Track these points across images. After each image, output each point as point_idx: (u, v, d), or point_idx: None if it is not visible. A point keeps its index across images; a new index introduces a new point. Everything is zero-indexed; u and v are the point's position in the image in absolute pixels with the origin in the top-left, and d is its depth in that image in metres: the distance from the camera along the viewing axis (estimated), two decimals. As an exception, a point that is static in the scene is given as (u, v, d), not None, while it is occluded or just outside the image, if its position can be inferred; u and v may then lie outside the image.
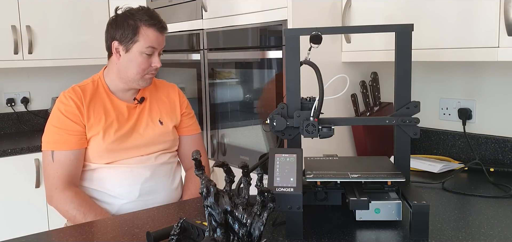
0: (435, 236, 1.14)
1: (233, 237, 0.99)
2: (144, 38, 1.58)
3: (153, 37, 1.59)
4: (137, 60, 1.59)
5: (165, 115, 1.73)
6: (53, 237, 1.24)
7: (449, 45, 1.60)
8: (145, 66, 1.60)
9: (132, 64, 1.60)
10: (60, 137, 1.56)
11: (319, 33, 1.28)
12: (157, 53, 1.63)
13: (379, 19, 1.81)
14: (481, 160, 1.81)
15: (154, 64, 1.62)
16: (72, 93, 1.60)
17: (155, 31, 1.59)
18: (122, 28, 1.59)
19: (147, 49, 1.58)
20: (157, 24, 1.60)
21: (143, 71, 1.61)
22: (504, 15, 1.42)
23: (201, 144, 1.86)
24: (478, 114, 1.88)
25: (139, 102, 1.69)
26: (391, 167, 1.32)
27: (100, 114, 1.60)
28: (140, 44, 1.58)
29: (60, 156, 1.55)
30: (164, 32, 1.64)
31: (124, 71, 1.62)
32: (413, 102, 1.29)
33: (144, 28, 1.58)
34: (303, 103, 1.30)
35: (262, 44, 2.01)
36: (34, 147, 2.60)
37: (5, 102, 3.05)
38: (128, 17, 1.59)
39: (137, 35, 1.58)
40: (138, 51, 1.59)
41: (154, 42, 1.59)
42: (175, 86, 1.83)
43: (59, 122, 1.57)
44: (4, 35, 2.71)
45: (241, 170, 1.02)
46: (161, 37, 1.62)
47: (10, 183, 2.56)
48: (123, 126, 1.63)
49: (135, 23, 1.58)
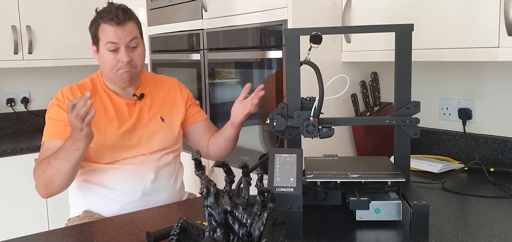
0: (435, 236, 1.14)
1: (233, 237, 0.99)
2: (103, 34, 1.56)
3: (110, 32, 1.55)
4: (105, 57, 1.58)
5: (167, 112, 1.72)
6: (53, 237, 1.24)
7: (449, 45, 1.60)
8: (113, 63, 1.57)
9: (103, 63, 1.60)
10: (55, 128, 1.55)
11: (319, 33, 1.28)
12: (123, 47, 1.56)
13: (379, 19, 1.81)
14: (481, 160, 1.80)
15: (122, 60, 1.57)
16: (69, 92, 1.60)
17: (111, 26, 1.55)
18: (91, 28, 1.61)
19: (107, 45, 1.56)
20: (113, 18, 1.54)
21: (113, 68, 1.58)
22: (504, 15, 1.42)
23: (213, 126, 1.84)
24: (478, 114, 1.88)
25: (139, 98, 1.67)
26: (391, 167, 1.32)
27: (99, 113, 1.59)
28: (102, 42, 1.57)
29: (50, 144, 1.52)
30: (123, 25, 1.56)
31: (103, 71, 1.63)
32: (413, 102, 1.29)
33: (102, 25, 1.56)
34: (303, 103, 1.30)
35: (262, 44, 2.01)
36: (34, 147, 2.60)
37: (5, 102, 3.05)
38: (94, 17, 1.60)
39: (98, 33, 1.57)
40: (103, 49, 1.58)
41: (112, 37, 1.55)
42: (175, 80, 1.82)
43: (54, 114, 1.57)
44: (4, 35, 2.71)
45: (241, 170, 1.02)
46: (119, 31, 1.55)
47: (10, 183, 2.56)
48: (124, 123, 1.62)
49: (96, 21, 1.58)
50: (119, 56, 1.57)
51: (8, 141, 2.76)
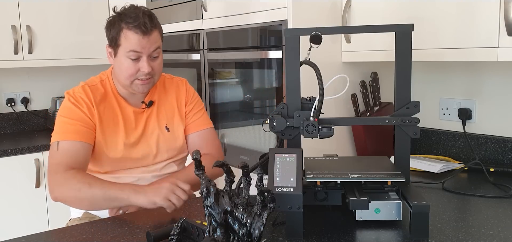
0: (435, 236, 1.14)
1: (233, 237, 0.99)
2: (125, 41, 1.47)
3: (135, 41, 1.46)
4: (123, 64, 1.49)
5: (172, 121, 1.64)
6: (53, 237, 1.24)
7: (449, 45, 1.60)
8: (132, 71, 1.49)
9: (120, 70, 1.51)
10: (69, 127, 1.47)
11: (319, 33, 1.28)
12: (145, 57, 1.48)
13: (379, 19, 1.81)
14: (481, 160, 1.80)
15: (142, 70, 1.49)
16: (82, 92, 1.52)
17: (137, 34, 1.45)
18: (109, 30, 1.51)
19: (129, 53, 1.47)
20: (138, 27, 1.45)
21: (131, 76, 1.50)
22: (504, 15, 1.42)
23: (210, 139, 1.68)
24: (478, 114, 1.88)
25: (147, 106, 1.60)
26: (391, 167, 1.32)
27: (109, 120, 1.53)
28: (123, 48, 1.48)
29: (67, 145, 1.45)
30: (148, 34, 1.47)
31: (117, 76, 1.54)
32: (413, 102, 1.29)
33: (125, 31, 1.46)
34: (303, 103, 1.30)
35: (262, 44, 2.01)
36: (34, 147, 2.60)
37: (5, 102, 3.05)
38: (115, 19, 1.50)
39: (120, 38, 1.47)
40: (122, 55, 1.48)
41: (136, 46, 1.46)
42: (183, 82, 1.71)
43: (70, 112, 1.49)
44: (4, 35, 2.71)
45: (241, 170, 1.02)
46: (145, 41, 1.46)
47: (10, 183, 2.56)
48: (130, 135, 1.56)
49: (119, 25, 1.47)
50: (140, 65, 1.49)
51: (8, 141, 2.76)
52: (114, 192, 1.38)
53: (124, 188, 1.39)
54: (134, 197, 1.36)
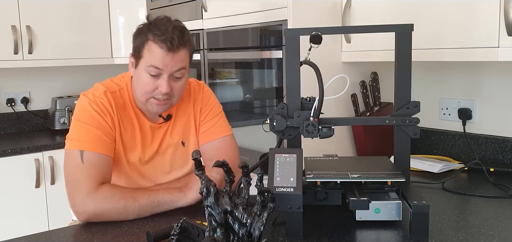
0: (435, 236, 1.14)
1: (233, 237, 0.99)
2: (148, 54, 1.33)
3: (158, 56, 1.32)
4: (142, 79, 1.36)
5: (189, 134, 1.52)
6: (53, 237, 1.24)
7: (449, 45, 1.60)
8: (148, 88, 1.36)
9: (138, 83, 1.39)
10: (94, 137, 1.34)
11: (319, 33, 1.28)
12: (166, 76, 1.34)
13: (379, 19, 1.81)
14: (481, 160, 1.80)
15: (160, 89, 1.35)
16: (104, 99, 1.39)
17: (161, 49, 1.31)
18: (135, 39, 1.38)
19: (149, 68, 1.33)
20: (165, 41, 1.31)
21: (147, 93, 1.37)
22: (504, 15, 1.42)
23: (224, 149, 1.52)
24: (478, 114, 1.88)
25: (165, 120, 1.48)
26: (391, 167, 1.32)
27: (127, 134, 1.42)
28: (144, 61, 1.35)
29: (92, 157, 1.32)
30: (174, 52, 1.32)
31: (135, 88, 1.42)
32: (413, 102, 1.29)
33: (150, 43, 1.33)
34: (303, 103, 1.30)
35: (262, 44, 2.01)
36: (34, 147, 2.60)
37: (5, 102, 3.05)
38: (144, 28, 1.36)
39: (143, 50, 1.34)
40: (142, 68, 1.35)
41: (157, 61, 1.32)
42: (200, 86, 1.55)
43: (93, 120, 1.35)
44: (4, 35, 2.71)
45: (241, 170, 1.02)
46: (168, 58, 1.32)
47: (10, 183, 2.56)
48: (146, 152, 1.45)
49: (145, 36, 1.34)
50: (159, 83, 1.35)
51: (8, 141, 2.76)
52: (162, 197, 1.34)
53: (171, 190, 1.36)
54: (183, 198, 1.35)
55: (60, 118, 2.93)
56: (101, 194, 1.29)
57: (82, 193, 1.29)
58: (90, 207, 1.28)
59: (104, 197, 1.29)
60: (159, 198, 1.34)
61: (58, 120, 2.93)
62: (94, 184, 1.30)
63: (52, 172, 2.64)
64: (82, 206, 1.29)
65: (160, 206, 1.34)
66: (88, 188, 1.29)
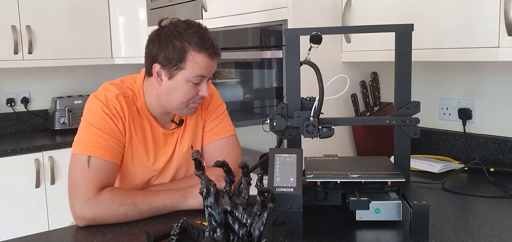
0: (435, 236, 1.14)
1: (233, 237, 0.99)
2: (192, 65, 1.31)
3: (204, 65, 1.32)
4: (183, 89, 1.34)
5: (197, 137, 1.51)
6: (53, 237, 1.24)
7: (449, 45, 1.60)
8: (191, 95, 1.36)
9: (175, 93, 1.35)
10: (103, 142, 1.32)
11: (319, 33, 1.28)
12: (206, 80, 1.37)
13: (379, 19, 1.81)
14: (481, 160, 1.80)
15: (201, 93, 1.37)
16: (116, 103, 1.35)
17: (206, 57, 1.32)
18: (166, 49, 1.31)
19: (195, 78, 1.33)
20: (210, 49, 1.32)
21: (188, 101, 1.37)
22: (504, 15, 1.42)
23: (226, 150, 1.52)
24: (478, 114, 1.88)
25: (177, 125, 1.47)
26: (391, 167, 1.32)
27: (138, 139, 1.40)
28: (187, 72, 1.32)
29: (99, 163, 1.30)
30: (217, 58, 1.37)
31: (166, 98, 1.37)
32: (413, 102, 1.29)
33: (192, 54, 1.31)
34: (303, 103, 1.30)
35: (262, 44, 2.01)
36: (34, 147, 2.60)
37: (5, 102, 3.04)
38: (174, 37, 1.31)
39: (184, 61, 1.31)
40: (183, 79, 1.33)
41: (204, 70, 1.33)
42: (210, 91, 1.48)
43: (104, 125, 1.33)
44: (4, 35, 2.71)
45: (241, 170, 1.02)
46: (212, 64, 1.35)
47: (10, 183, 2.56)
48: (158, 159, 1.44)
49: (182, 46, 1.30)
50: (200, 88, 1.36)
51: (8, 141, 2.76)
52: (162, 202, 1.33)
53: (171, 195, 1.35)
54: (183, 202, 1.34)
55: (60, 118, 2.93)
56: (101, 201, 1.28)
57: (82, 198, 1.28)
58: (90, 213, 1.27)
59: (104, 204, 1.28)
60: (159, 204, 1.33)
61: (58, 120, 2.93)
62: (95, 190, 1.29)
63: (52, 172, 2.64)
64: (81, 212, 1.28)
65: (160, 211, 1.34)
66: (88, 194, 1.28)
